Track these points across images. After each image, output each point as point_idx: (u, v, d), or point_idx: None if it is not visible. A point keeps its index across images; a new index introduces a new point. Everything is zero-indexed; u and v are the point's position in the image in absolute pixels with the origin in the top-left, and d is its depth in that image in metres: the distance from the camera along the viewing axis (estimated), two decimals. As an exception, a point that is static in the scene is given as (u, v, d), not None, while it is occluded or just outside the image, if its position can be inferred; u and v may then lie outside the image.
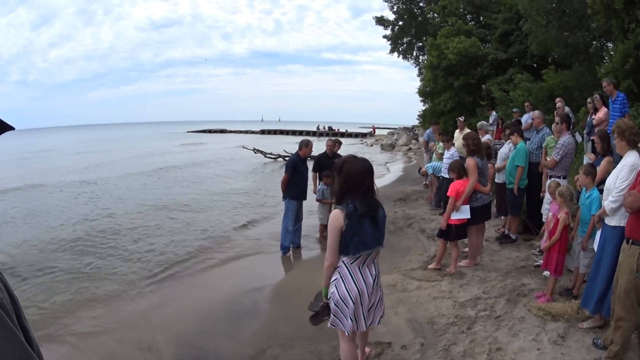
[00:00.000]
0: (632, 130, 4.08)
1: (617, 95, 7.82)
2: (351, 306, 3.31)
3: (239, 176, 20.42)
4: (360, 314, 3.37)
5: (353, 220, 3.20)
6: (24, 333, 1.25)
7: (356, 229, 3.21)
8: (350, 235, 3.21)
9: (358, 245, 3.24)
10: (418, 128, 34.27)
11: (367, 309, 3.40)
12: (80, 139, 63.36)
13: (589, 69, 13.61)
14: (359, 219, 3.22)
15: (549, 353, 4.00)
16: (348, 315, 3.34)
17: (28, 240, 9.42)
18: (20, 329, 1.24)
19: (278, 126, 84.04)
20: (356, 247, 3.24)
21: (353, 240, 3.22)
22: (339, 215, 3.22)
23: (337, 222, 3.21)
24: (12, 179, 19.44)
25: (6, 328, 1.16)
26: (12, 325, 1.19)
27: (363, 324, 3.40)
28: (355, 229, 3.21)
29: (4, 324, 1.16)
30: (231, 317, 5.64)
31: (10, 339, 1.17)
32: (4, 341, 1.15)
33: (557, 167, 6.37)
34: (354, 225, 3.21)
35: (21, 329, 1.25)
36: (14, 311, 1.24)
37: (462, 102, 22.03)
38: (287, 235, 8.02)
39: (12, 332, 1.18)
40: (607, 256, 4.03)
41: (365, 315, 3.39)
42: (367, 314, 3.40)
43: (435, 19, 27.15)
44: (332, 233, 3.24)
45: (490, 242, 7.41)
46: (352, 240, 3.22)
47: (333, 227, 3.24)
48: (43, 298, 6.41)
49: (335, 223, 3.23)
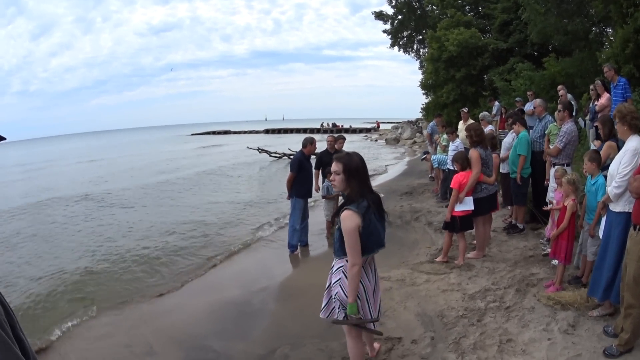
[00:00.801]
0: (634, 114, 4.07)
1: (618, 81, 7.79)
2: (358, 303, 3.26)
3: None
4: (367, 310, 3.32)
5: (368, 219, 3.14)
6: (20, 344, 1.26)
7: (372, 227, 3.17)
8: (367, 234, 3.14)
9: (374, 244, 3.22)
10: (422, 121, 34.16)
11: (374, 304, 3.38)
12: (88, 145, 63.71)
13: (589, 56, 13.53)
14: (372, 215, 3.18)
15: (559, 342, 3.99)
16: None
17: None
18: (16, 340, 1.25)
19: (282, 125, 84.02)
20: (372, 246, 3.22)
21: (370, 239, 3.17)
22: (353, 215, 3.12)
23: (354, 222, 3.10)
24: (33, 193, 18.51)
25: (3, 343, 1.18)
26: (6, 337, 1.20)
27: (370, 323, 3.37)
28: (371, 227, 3.16)
29: (0, 339, 1.18)
30: (240, 317, 5.66)
31: (6, 351, 1.18)
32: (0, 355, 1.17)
33: (560, 155, 6.32)
34: (370, 223, 3.15)
35: (16, 340, 1.26)
36: (8, 323, 1.26)
37: (465, 94, 21.95)
38: (294, 234, 8.04)
39: (7, 345, 1.19)
40: (613, 242, 4.02)
41: (372, 311, 3.35)
42: (372, 308, 3.36)
43: (434, 12, 27.08)
44: (352, 234, 3.10)
45: (498, 233, 7.39)
46: (369, 240, 3.16)
47: (351, 228, 3.10)
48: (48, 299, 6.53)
49: (352, 224, 3.10)
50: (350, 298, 3.20)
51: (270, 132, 64.23)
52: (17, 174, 29.12)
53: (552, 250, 5.15)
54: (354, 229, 3.10)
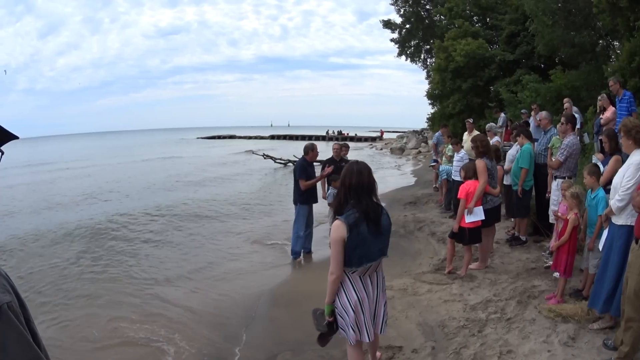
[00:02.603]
0: (639, 128, 4.09)
1: (623, 94, 7.80)
2: (352, 315, 3.23)
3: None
4: (363, 323, 3.28)
5: (356, 231, 3.09)
6: (32, 336, 1.31)
7: (359, 240, 3.10)
8: (353, 247, 3.09)
9: (361, 257, 3.14)
10: (427, 131, 34.19)
11: (371, 317, 3.33)
12: (102, 145, 63.71)
13: (595, 68, 13.57)
14: (362, 229, 3.11)
15: (559, 355, 4.00)
16: (349, 324, 3.26)
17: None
18: (29, 332, 1.30)
19: (287, 131, 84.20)
20: (359, 260, 3.14)
21: (356, 252, 3.11)
22: (340, 225, 3.10)
23: (340, 232, 3.09)
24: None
25: (16, 330, 1.23)
26: (21, 327, 1.25)
27: (365, 336, 3.32)
28: (358, 240, 3.10)
29: (14, 326, 1.23)
30: (241, 322, 5.71)
31: (20, 340, 1.23)
32: (14, 343, 1.21)
33: (561, 168, 6.34)
34: (357, 236, 3.09)
35: (30, 332, 1.31)
36: (22, 314, 1.31)
37: (471, 105, 21.98)
38: (298, 241, 8.08)
39: (21, 334, 1.24)
40: (615, 255, 4.04)
41: (368, 326, 3.30)
42: (370, 324, 3.32)
43: (442, 22, 27.12)
44: (336, 244, 3.11)
45: (501, 244, 7.39)
46: (354, 252, 3.11)
47: (336, 238, 3.10)
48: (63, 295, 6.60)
49: (337, 234, 3.09)
50: (326, 299, 3.31)
51: (276, 137, 64.37)
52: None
53: (554, 263, 5.16)
54: (338, 239, 3.10)
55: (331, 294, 3.27)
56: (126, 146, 62.60)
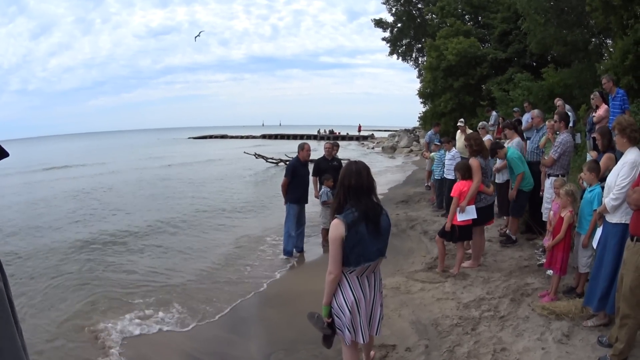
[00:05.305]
0: (633, 127, 4.07)
1: (616, 92, 7.79)
2: (348, 316, 3.20)
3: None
4: (358, 323, 3.25)
5: (354, 230, 3.07)
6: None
7: (357, 239, 3.09)
8: (351, 246, 3.08)
9: (359, 257, 3.12)
10: (419, 130, 34.21)
11: (367, 318, 3.31)
12: (94, 146, 62.96)
13: (588, 67, 13.62)
14: (361, 228, 3.09)
15: (553, 352, 3.98)
16: (345, 325, 3.23)
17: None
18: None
19: (279, 131, 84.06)
20: (357, 259, 3.12)
21: (354, 252, 3.09)
22: (339, 224, 3.08)
23: (338, 231, 3.06)
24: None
25: (3, 308, 1.28)
26: (7, 307, 1.30)
27: (361, 337, 3.28)
28: (356, 239, 3.08)
29: (3, 305, 1.27)
30: (235, 322, 5.65)
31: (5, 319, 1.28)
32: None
33: (555, 165, 6.33)
34: (355, 235, 3.07)
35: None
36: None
37: (463, 103, 22.04)
38: (289, 240, 8.05)
39: (6, 313, 1.29)
40: (609, 253, 4.02)
41: (363, 327, 3.28)
42: (365, 325, 3.29)
43: (434, 20, 27.22)
44: (334, 243, 3.09)
45: (493, 243, 7.38)
46: (352, 252, 3.09)
47: (334, 237, 3.08)
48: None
49: (336, 233, 3.07)
50: (324, 300, 3.27)
51: (267, 137, 64.19)
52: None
53: (547, 261, 5.14)
54: (337, 238, 3.08)
55: (329, 295, 3.23)
56: (113, 147, 61.92)
